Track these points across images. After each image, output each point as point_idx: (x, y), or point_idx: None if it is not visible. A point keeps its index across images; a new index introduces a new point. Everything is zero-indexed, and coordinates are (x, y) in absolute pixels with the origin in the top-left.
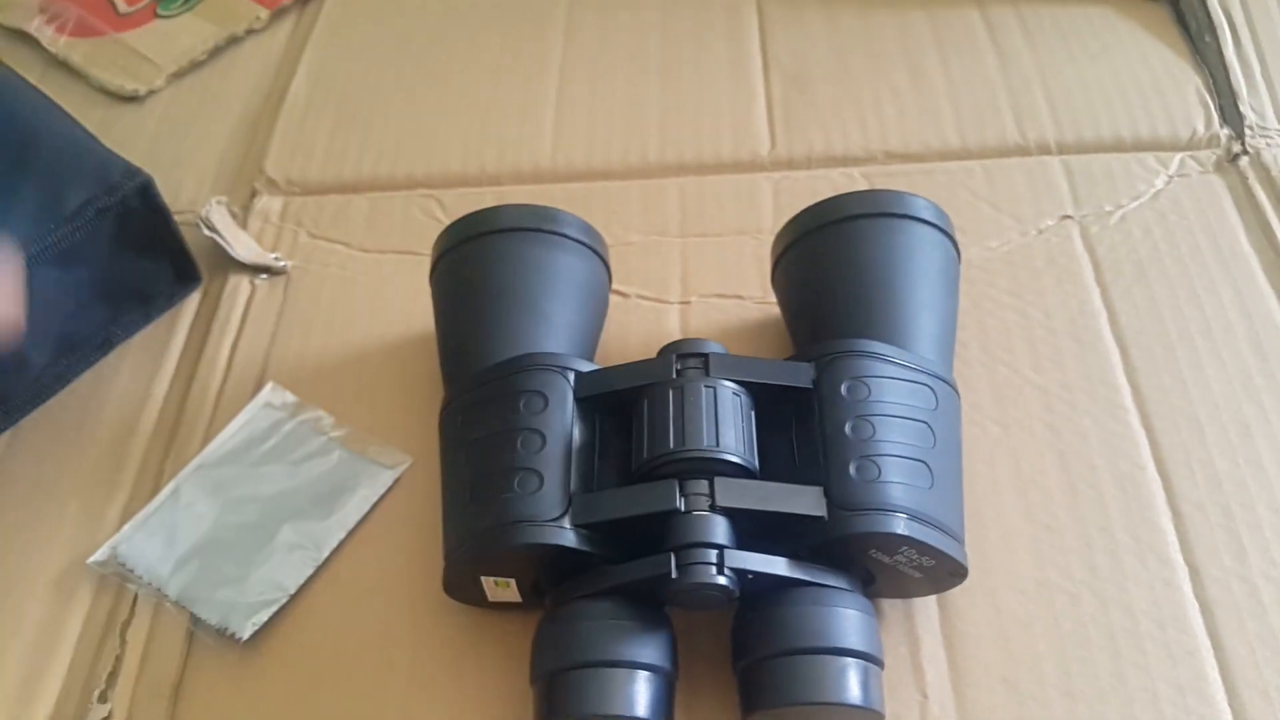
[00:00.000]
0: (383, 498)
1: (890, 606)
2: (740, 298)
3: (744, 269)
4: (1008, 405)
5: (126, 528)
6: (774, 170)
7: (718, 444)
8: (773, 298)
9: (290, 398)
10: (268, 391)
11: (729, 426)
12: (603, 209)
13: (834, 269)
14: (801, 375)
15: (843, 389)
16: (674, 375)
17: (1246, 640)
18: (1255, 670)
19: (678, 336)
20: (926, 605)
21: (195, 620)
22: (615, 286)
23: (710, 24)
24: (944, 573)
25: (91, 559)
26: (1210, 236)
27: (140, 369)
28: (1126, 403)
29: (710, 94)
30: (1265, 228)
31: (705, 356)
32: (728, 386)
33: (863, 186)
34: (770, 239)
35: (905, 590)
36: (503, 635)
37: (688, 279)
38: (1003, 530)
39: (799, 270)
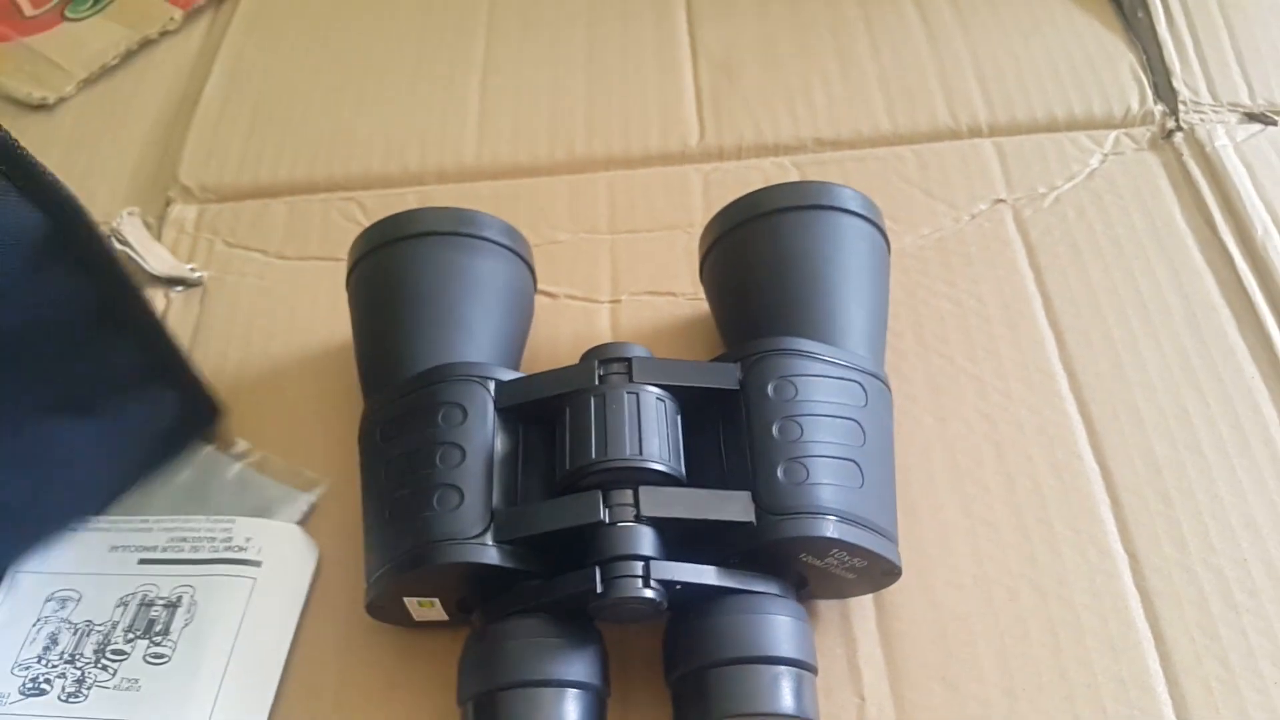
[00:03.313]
0: (301, 521)
1: (826, 607)
2: (672, 294)
3: (675, 265)
4: (943, 396)
5: None
6: (704, 161)
7: (641, 452)
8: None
9: None
10: None
11: (653, 434)
12: (530, 206)
13: (759, 265)
14: (727, 376)
15: (769, 389)
16: (596, 382)
17: (1187, 630)
18: (1196, 660)
19: (608, 336)
20: (863, 605)
21: None
22: (544, 287)
23: (637, 11)
24: (878, 573)
25: None
26: (1146, 215)
27: None
28: (1063, 390)
29: (637, 84)
30: (1200, 205)
31: (628, 361)
32: (651, 392)
33: (794, 175)
34: (701, 232)
35: (841, 591)
36: (431, 654)
37: (618, 277)
38: (939, 525)
39: (724, 267)
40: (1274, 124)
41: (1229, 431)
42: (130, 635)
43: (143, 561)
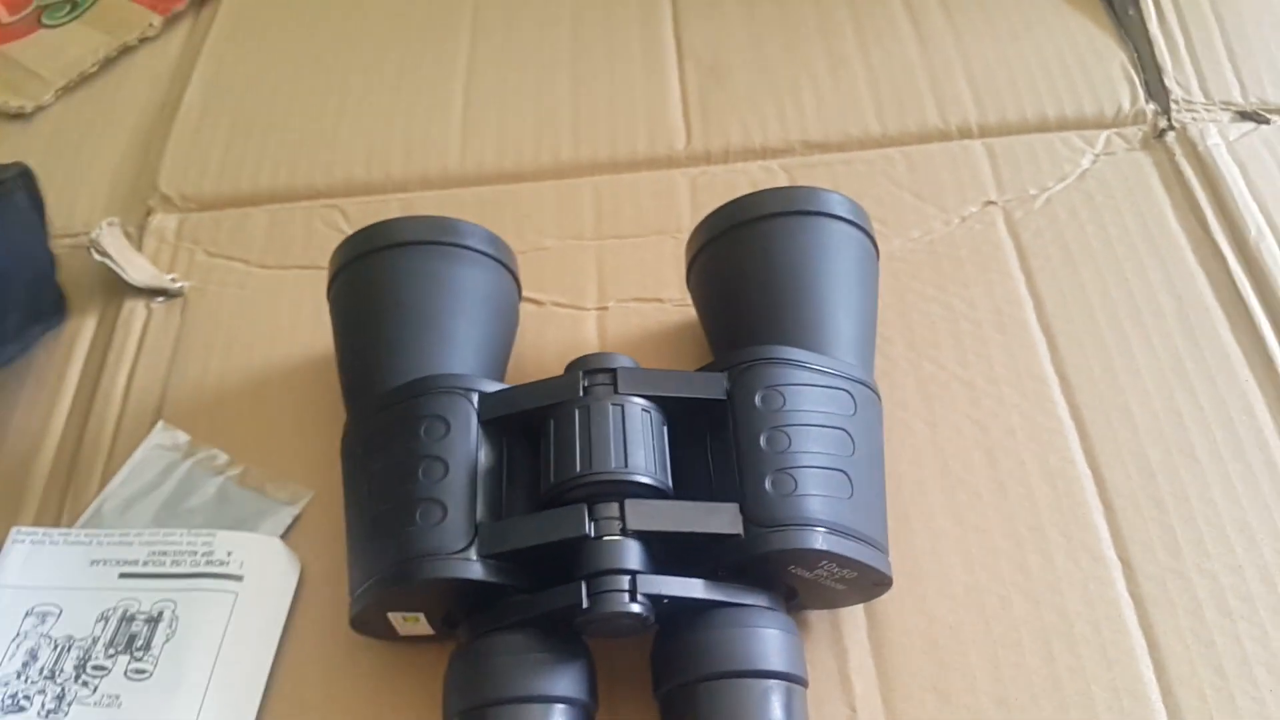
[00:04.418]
0: (284, 535)
1: (817, 618)
2: (660, 300)
3: (663, 270)
4: (934, 402)
5: None
6: (691, 165)
7: (626, 465)
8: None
9: (182, 437)
10: (158, 432)
11: (638, 446)
12: (515, 213)
13: (746, 272)
14: (714, 386)
15: (757, 399)
16: (581, 393)
17: (1181, 638)
18: (1190, 668)
19: (595, 345)
20: (854, 615)
21: None
22: (530, 294)
23: (622, 12)
24: (868, 583)
25: None
26: (1138, 216)
27: (36, 402)
28: (1055, 394)
29: (623, 87)
30: (1193, 205)
31: (613, 372)
32: (637, 403)
33: (782, 179)
34: (688, 237)
35: (831, 601)
36: (416, 668)
37: (604, 283)
38: (931, 533)
39: (711, 274)
40: (1267, 123)
41: (1223, 435)
42: (111, 650)
43: (123, 575)
